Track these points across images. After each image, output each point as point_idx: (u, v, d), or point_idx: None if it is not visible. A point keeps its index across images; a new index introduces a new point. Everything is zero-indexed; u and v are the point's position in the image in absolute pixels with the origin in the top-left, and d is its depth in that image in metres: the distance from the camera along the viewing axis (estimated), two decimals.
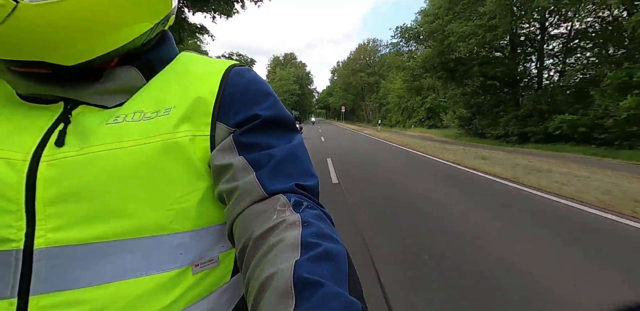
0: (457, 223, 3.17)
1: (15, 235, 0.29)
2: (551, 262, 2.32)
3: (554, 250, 2.54)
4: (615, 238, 2.83)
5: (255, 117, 0.38)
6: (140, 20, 0.33)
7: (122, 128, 0.34)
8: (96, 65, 0.34)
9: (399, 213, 3.53)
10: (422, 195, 4.31)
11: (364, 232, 2.93)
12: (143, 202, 0.32)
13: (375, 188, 4.79)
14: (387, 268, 2.20)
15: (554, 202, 4.02)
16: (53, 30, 0.27)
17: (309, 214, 0.30)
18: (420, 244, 2.62)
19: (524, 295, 1.86)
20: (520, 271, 2.15)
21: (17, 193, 0.29)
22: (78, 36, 0.29)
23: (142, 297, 0.32)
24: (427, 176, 5.87)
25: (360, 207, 3.75)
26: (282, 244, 0.26)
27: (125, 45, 0.33)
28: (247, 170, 0.34)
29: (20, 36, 0.27)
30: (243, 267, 0.29)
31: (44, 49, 0.29)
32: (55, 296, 0.30)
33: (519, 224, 3.19)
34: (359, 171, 6.32)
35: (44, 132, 0.33)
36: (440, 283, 1.99)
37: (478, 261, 2.30)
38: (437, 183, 5.15)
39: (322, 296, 0.20)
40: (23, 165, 0.30)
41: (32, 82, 0.33)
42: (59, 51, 0.29)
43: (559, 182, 5.04)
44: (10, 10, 0.25)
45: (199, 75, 0.40)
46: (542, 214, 3.53)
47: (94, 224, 0.31)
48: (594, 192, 4.39)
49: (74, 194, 0.30)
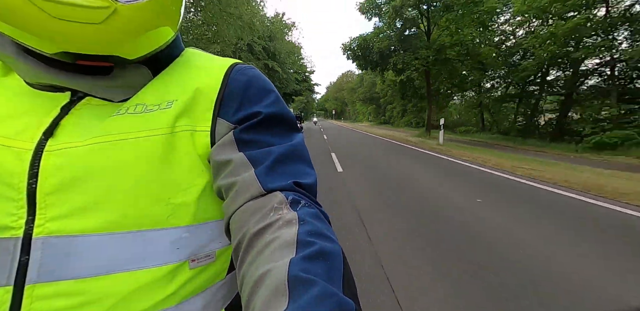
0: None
1: (16, 223, 0.30)
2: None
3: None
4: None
5: (256, 114, 0.38)
6: (174, 23, 0.37)
7: (124, 120, 0.34)
8: (116, 62, 0.35)
9: (354, 147, 9.70)
10: (359, 142, 13.05)
11: (328, 142, 10.40)
12: (142, 194, 0.33)
13: (341, 137, 15.58)
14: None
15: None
16: (137, 28, 0.31)
17: (306, 212, 0.30)
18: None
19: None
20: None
21: (20, 181, 0.30)
22: (147, 33, 0.33)
23: (137, 290, 0.32)
24: (363, 138, 15.74)
25: (333, 144, 10.95)
26: (278, 242, 0.26)
27: (163, 43, 0.36)
28: (247, 166, 0.34)
29: (112, 34, 0.30)
30: (238, 263, 0.29)
31: (121, 45, 0.32)
32: (51, 286, 0.30)
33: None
34: (334, 132, 21.64)
35: (50, 122, 0.33)
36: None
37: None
38: (365, 137, 16.05)
39: (315, 295, 0.20)
40: (27, 154, 0.31)
41: (43, 72, 0.34)
42: (129, 46, 0.32)
43: None
44: (111, 11, 0.28)
45: (202, 71, 0.41)
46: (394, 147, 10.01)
47: (93, 215, 0.31)
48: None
49: (75, 184, 0.31)
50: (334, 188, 4.28)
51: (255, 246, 0.27)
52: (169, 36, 0.37)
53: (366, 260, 2.11)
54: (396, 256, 2.17)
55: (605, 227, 2.74)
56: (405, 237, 2.52)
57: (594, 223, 2.83)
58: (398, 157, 7.64)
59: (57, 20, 0.27)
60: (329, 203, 3.51)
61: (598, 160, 7.97)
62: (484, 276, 1.87)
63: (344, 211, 3.23)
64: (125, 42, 0.32)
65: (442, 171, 5.66)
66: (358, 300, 0.23)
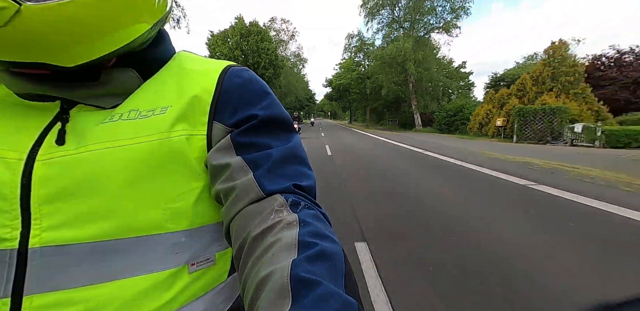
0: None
1: (10, 235, 0.29)
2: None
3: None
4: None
5: (252, 116, 0.38)
6: (140, 21, 0.33)
7: (117, 127, 0.33)
8: (95, 66, 0.34)
9: (341, 137, 16.89)
10: (333, 126, 37.52)
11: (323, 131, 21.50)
12: (138, 200, 0.32)
13: (333, 130, 25.98)
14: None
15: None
16: (54, 32, 0.27)
17: (306, 214, 0.30)
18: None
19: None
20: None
21: (12, 192, 0.29)
22: (78, 38, 0.29)
23: (137, 297, 0.32)
24: (336, 125, 43.96)
25: (325, 131, 23.89)
26: (279, 244, 0.26)
27: (124, 45, 0.33)
28: (245, 170, 0.34)
29: (22, 38, 0.27)
30: (240, 267, 0.29)
31: (45, 51, 0.29)
32: (49, 296, 0.29)
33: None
34: (328, 127, 33.53)
35: (40, 131, 0.32)
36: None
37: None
38: (336, 125, 42.24)
39: (318, 295, 0.20)
40: (18, 164, 0.30)
41: (29, 82, 0.33)
42: (59, 53, 0.29)
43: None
44: (13, 13, 0.25)
45: (196, 75, 0.40)
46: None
47: (89, 223, 0.31)
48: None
49: (69, 193, 0.30)
50: (318, 137, 14.26)
51: (256, 249, 0.27)
52: (124, 41, 0.32)
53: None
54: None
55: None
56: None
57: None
58: (344, 131, 22.69)
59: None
60: (316, 132, 10.69)
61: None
62: None
63: (321, 145, 10.14)
64: (48, 47, 0.28)
65: (358, 135, 17.51)
66: (360, 299, 0.23)
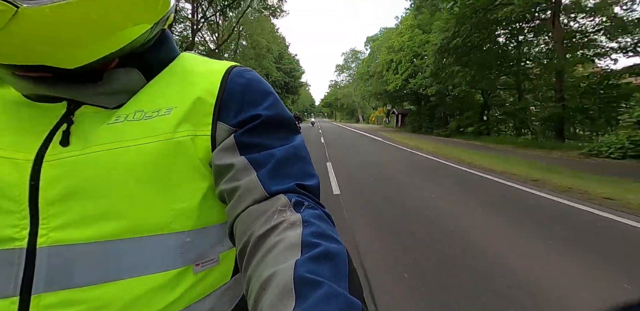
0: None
1: (19, 234, 0.29)
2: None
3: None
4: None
5: (256, 116, 0.38)
6: (139, 21, 0.33)
7: (123, 128, 0.34)
8: (97, 67, 0.34)
9: (335, 133, 21.83)
10: (329, 124, 43.84)
11: (323, 131, 22.26)
12: (144, 201, 0.33)
13: (330, 128, 31.52)
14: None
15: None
16: (54, 34, 0.27)
17: (310, 214, 0.30)
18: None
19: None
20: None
21: (20, 193, 0.30)
22: (77, 39, 0.29)
23: (142, 297, 0.32)
24: (330, 124, 48.90)
25: (321, 124, 39.33)
26: (282, 244, 0.26)
27: (124, 46, 0.33)
28: (249, 170, 0.34)
29: (21, 41, 0.27)
30: (244, 267, 0.29)
31: (45, 53, 0.29)
32: (57, 295, 0.30)
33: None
34: (325, 126, 37.25)
35: (47, 132, 0.33)
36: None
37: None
38: (331, 124, 46.74)
39: (322, 295, 0.20)
40: (26, 165, 0.31)
41: (34, 84, 0.33)
42: (59, 55, 0.29)
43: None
44: (10, 16, 0.25)
45: (200, 76, 0.40)
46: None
47: (96, 223, 0.31)
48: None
49: (76, 194, 0.31)
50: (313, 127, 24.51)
51: (260, 249, 0.27)
52: (123, 42, 0.32)
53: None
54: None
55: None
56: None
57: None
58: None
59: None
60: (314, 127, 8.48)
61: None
62: None
63: (315, 134, 16.59)
64: (47, 49, 0.28)
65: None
66: (364, 300, 0.23)
